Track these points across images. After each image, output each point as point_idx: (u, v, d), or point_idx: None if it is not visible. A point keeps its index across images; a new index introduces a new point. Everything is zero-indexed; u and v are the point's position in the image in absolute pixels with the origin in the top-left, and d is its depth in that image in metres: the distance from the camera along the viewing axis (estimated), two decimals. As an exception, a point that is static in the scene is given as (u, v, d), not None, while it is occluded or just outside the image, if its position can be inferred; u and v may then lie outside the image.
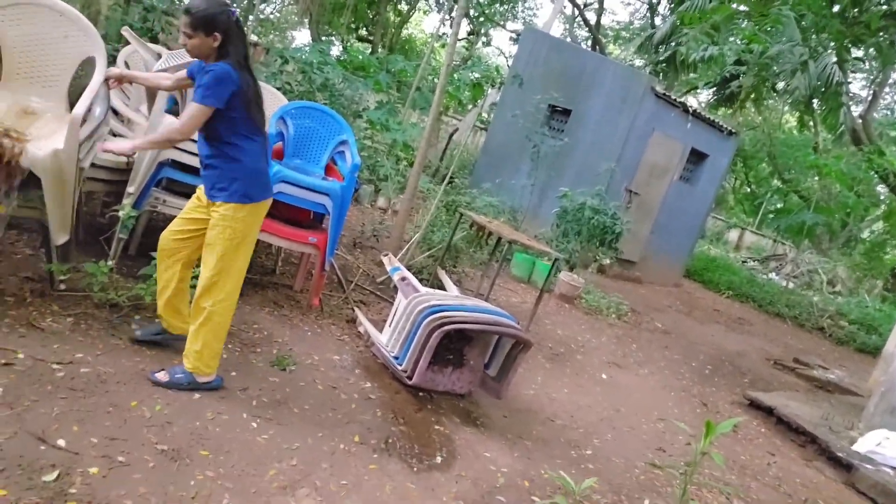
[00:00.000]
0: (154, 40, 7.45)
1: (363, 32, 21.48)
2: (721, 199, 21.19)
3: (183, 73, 3.10)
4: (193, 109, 2.71)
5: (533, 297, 5.96)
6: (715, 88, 16.29)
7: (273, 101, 4.91)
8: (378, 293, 5.21)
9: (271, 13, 21.26)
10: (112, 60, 5.21)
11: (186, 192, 4.11)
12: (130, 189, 3.84)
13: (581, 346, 6.04)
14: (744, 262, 16.56)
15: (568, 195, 8.77)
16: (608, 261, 9.42)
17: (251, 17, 12.70)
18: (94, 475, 2.22)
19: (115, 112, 4.71)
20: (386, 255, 4.77)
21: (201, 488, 2.35)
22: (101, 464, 2.28)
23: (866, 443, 5.15)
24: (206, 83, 2.68)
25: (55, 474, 2.16)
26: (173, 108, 4.40)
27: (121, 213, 3.65)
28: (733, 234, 21.21)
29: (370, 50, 18.25)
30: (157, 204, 3.96)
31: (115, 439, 2.42)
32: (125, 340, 3.13)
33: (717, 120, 11.13)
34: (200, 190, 3.03)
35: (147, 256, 3.48)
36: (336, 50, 17.51)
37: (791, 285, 14.39)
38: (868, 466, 4.80)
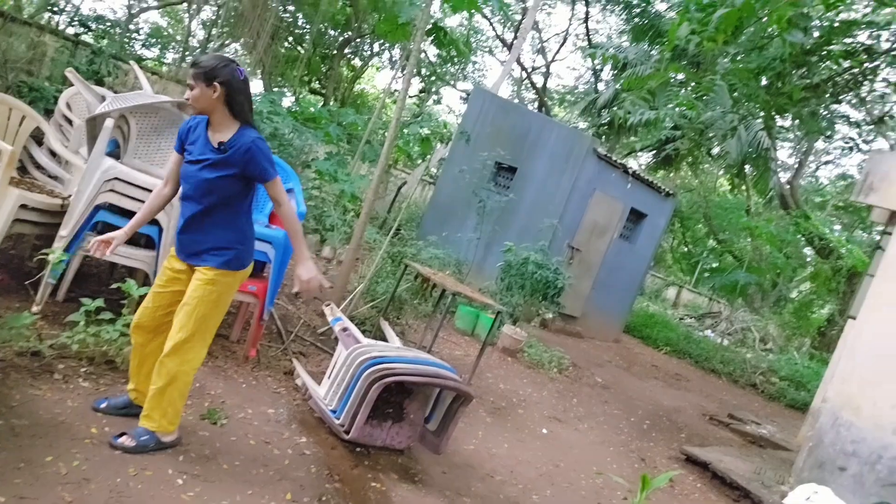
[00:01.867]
0: (100, 83, 7.37)
1: (316, 85, 21.69)
2: (659, 257, 21.89)
3: (173, 156, 2.96)
4: (279, 186, 2.81)
5: (476, 350, 5.96)
6: (654, 152, 17.06)
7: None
8: (318, 344, 5.13)
9: (224, 62, 21.34)
10: (55, 101, 5.12)
11: (122, 238, 4.01)
12: (63, 232, 3.71)
13: (522, 399, 6.04)
14: (681, 318, 17.02)
15: (512, 249, 8.91)
16: (550, 315, 9.54)
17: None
18: (0, 537, 2.07)
19: (53, 154, 4.61)
20: (328, 304, 4.71)
21: (118, 550, 2.22)
22: (8, 524, 2.13)
23: (796, 497, 5.25)
24: (269, 156, 2.78)
25: (-45, 536, 2.01)
26: (114, 151, 4.33)
27: (51, 257, 3.52)
28: (671, 292, 21.82)
29: (322, 102, 18.41)
30: (90, 248, 3.84)
31: (23, 498, 2.27)
32: (45, 391, 2.97)
33: (655, 181, 11.59)
34: (173, 259, 2.93)
35: (75, 302, 3.35)
36: (288, 101, 17.61)
37: (726, 342, 14.83)
38: (798, 521, 4.90)
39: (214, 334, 2.95)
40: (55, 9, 9.61)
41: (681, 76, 13.58)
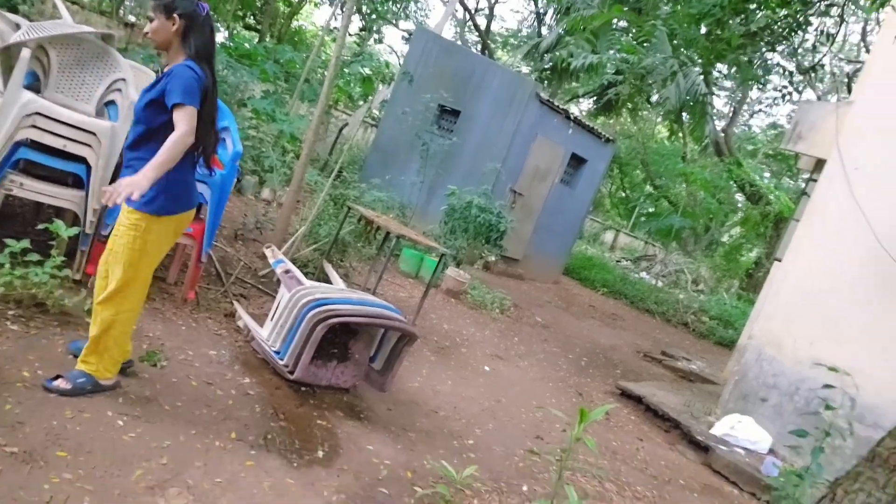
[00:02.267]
0: (14, 10, 6.83)
1: (251, 21, 20.71)
2: (598, 202, 22.33)
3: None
4: (187, 112, 2.57)
5: (420, 293, 6.00)
6: (595, 98, 17.18)
7: (148, 82, 4.64)
8: (260, 287, 5.05)
9: (151, -7, 20.09)
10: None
11: (48, 176, 3.80)
12: (-20, 169, 3.48)
13: (466, 339, 6.15)
14: (618, 261, 17.54)
15: (455, 193, 8.91)
16: (493, 258, 9.66)
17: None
18: (-72, 482, 2.00)
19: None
20: (269, 247, 4.63)
21: (57, 492, 2.17)
22: (-64, 469, 2.05)
23: (722, 426, 5.62)
24: (185, 83, 2.58)
25: None
26: (34, 85, 4.05)
27: (-33, 196, 3.31)
28: (608, 236, 22.40)
29: (258, 39, 17.62)
30: (12, 187, 3.62)
31: (-46, 442, 2.19)
32: (-29, 335, 2.84)
33: (595, 127, 11.71)
34: None
35: (0, 244, 3.18)
36: (221, 36, 16.78)
37: (660, 284, 15.41)
38: (722, 448, 5.24)
39: (150, 279, 2.86)
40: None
41: (623, 22, 13.61)
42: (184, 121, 2.58)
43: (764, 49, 12.37)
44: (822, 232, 5.83)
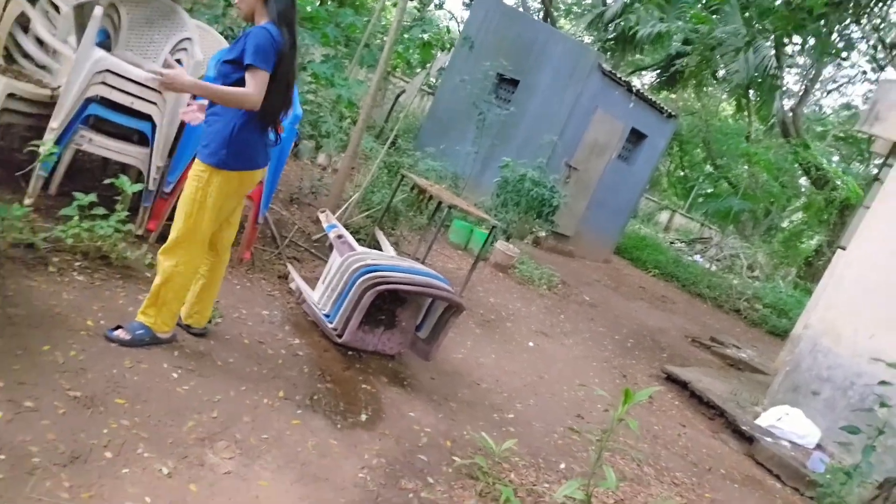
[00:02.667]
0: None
1: (313, -18, 20.70)
2: (655, 180, 21.77)
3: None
4: (259, 77, 2.65)
5: (468, 265, 6.01)
6: (659, 71, 16.64)
7: (214, 44, 4.71)
8: (313, 251, 5.15)
9: (216, -48, 20.30)
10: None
11: (116, 133, 3.93)
12: (54, 124, 3.62)
13: (511, 314, 6.15)
14: (672, 243, 17.15)
15: (510, 165, 8.82)
16: (544, 233, 9.58)
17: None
18: (-1, 419, 2.13)
19: (40, 42, 4.42)
20: (323, 211, 4.70)
21: (114, 437, 2.29)
22: (6, 408, 2.18)
23: (768, 418, 5.49)
24: (260, 45, 2.64)
25: (-45, 417, 2.06)
26: (104, 42, 4.17)
27: (41, 149, 3.45)
28: (664, 216, 21.88)
29: (319, 1, 17.64)
30: (82, 142, 3.76)
31: (23, 383, 2.32)
32: (40, 282, 2.98)
33: (658, 102, 11.36)
34: None
35: (68, 196, 3.32)
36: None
37: (714, 268, 15.02)
38: (767, 439, 5.13)
39: (208, 234, 2.92)
40: None
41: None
42: (253, 84, 2.65)
43: (850, 19, 11.69)
44: (892, 220, 5.56)
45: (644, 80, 19.09)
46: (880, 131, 6.40)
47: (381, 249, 4.69)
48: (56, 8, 4.70)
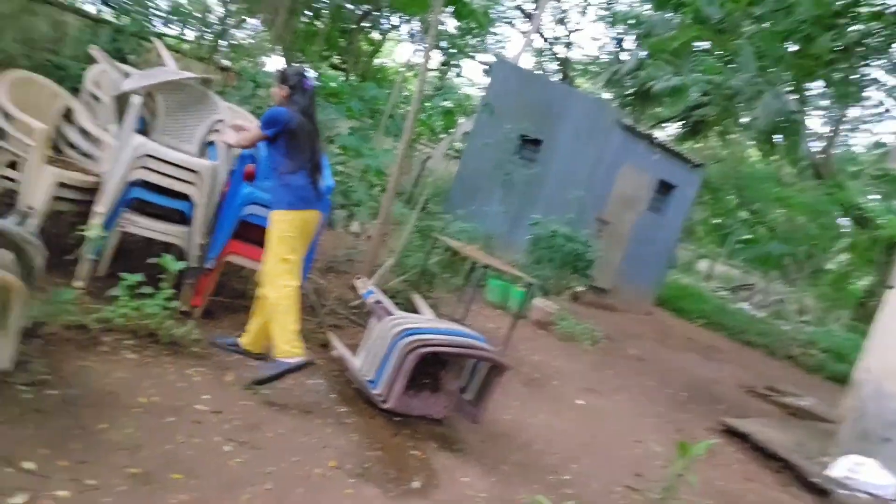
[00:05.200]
0: (123, 61, 7.39)
1: (336, 60, 21.55)
2: (690, 229, 21.52)
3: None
4: (255, 129, 3.71)
5: (508, 323, 5.93)
6: (682, 122, 16.72)
7: (243, 121, 4.87)
8: (352, 318, 5.14)
9: (244, 39, 21.28)
10: (80, 79, 5.14)
11: (158, 214, 4.03)
12: (100, 209, 3.74)
13: (556, 371, 6.01)
14: (714, 291, 16.79)
15: (540, 223, 8.82)
16: (581, 288, 9.46)
17: (223, 42, 12.67)
18: (63, 498, 2.13)
19: (84, 132, 4.62)
20: (359, 278, 4.71)
21: (172, 514, 2.24)
22: (70, 487, 2.19)
23: (840, 468, 5.18)
24: (266, 117, 3.62)
25: (24, 497, 2.07)
26: (142, 128, 4.34)
27: (88, 233, 3.55)
28: (703, 265, 21.52)
29: (343, 77, 18.30)
30: (126, 225, 3.87)
31: (84, 462, 2.32)
32: (94, 362, 3.01)
33: (682, 152, 11.37)
34: None
35: (116, 277, 3.38)
36: (310, 75, 17.51)
37: (761, 314, 14.60)
38: (843, 492, 4.83)
39: (290, 261, 3.57)
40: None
41: (706, 44, 13.22)
42: (248, 134, 3.74)
43: (858, 64, 11.72)
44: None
45: (668, 132, 19.18)
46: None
47: (419, 313, 4.66)
48: (97, 99, 4.94)
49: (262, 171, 4.62)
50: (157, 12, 11.41)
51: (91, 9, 9.05)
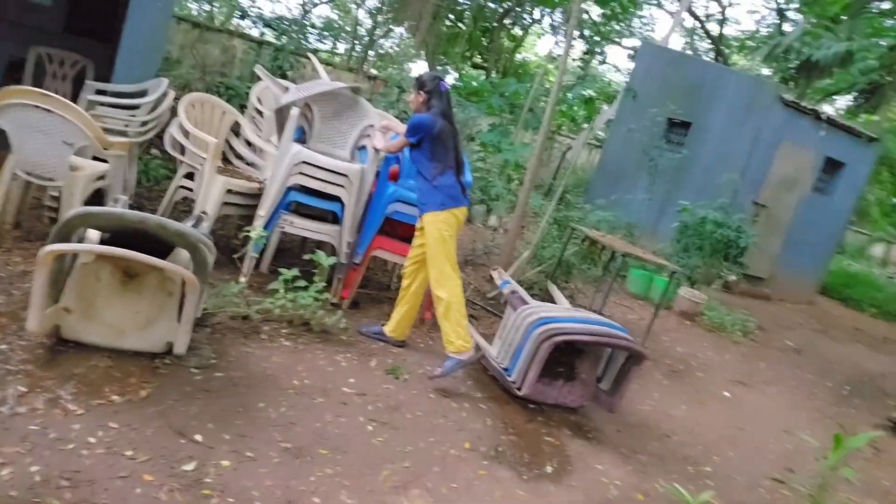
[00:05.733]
0: (283, 76, 8.10)
1: (478, 59, 21.87)
2: (863, 210, 19.41)
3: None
4: (399, 141, 3.94)
5: (650, 315, 5.80)
6: (856, 94, 15.14)
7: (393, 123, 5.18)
8: (488, 308, 5.31)
9: (390, 47, 22.23)
10: (246, 96, 5.74)
11: (312, 215, 4.44)
12: (261, 212, 4.19)
13: (702, 363, 5.79)
14: (890, 277, 15.09)
15: (688, 209, 8.46)
16: (733, 277, 8.94)
17: (371, 53, 13.39)
18: (226, 468, 2.45)
19: (249, 143, 5.18)
20: (496, 269, 4.86)
21: (321, 484, 2.52)
22: (232, 458, 2.51)
23: None
24: (410, 125, 3.79)
25: (193, 465, 2.41)
26: (300, 137, 4.78)
27: (252, 234, 4.00)
28: (878, 249, 19.34)
29: (484, 76, 18.56)
30: (284, 225, 4.30)
31: (244, 436, 2.66)
32: (254, 348, 3.42)
33: (854, 126, 10.33)
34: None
35: (276, 273, 3.79)
36: (451, 78, 17.98)
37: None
38: None
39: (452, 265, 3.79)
40: (241, 15, 10.66)
41: (886, 3, 11.89)
42: (396, 141, 3.99)
43: None
44: None
45: (838, 105, 17.45)
46: None
47: (555, 303, 4.72)
48: (260, 113, 5.50)
49: (406, 171, 4.92)
50: (312, 30, 12.35)
51: (255, 32, 10.01)
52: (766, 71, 18.12)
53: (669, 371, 5.29)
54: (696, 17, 21.24)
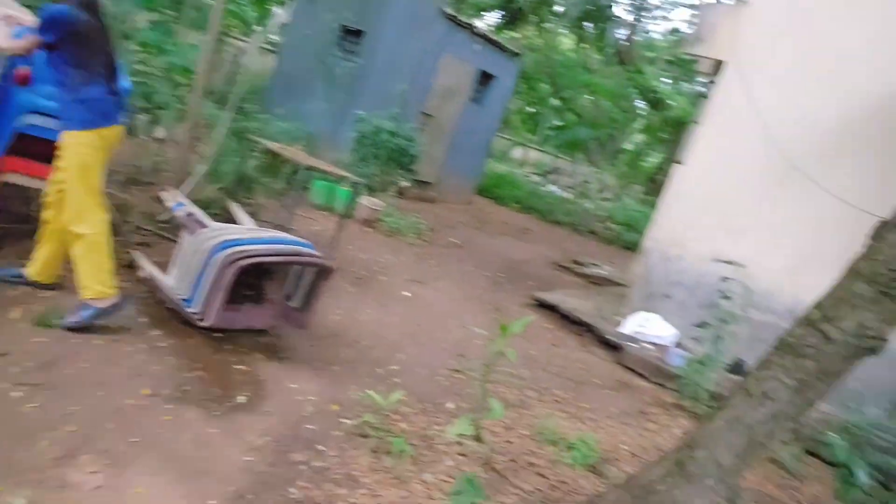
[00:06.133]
0: None
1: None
2: (507, 118, 22.26)
3: None
4: (30, 35, 3.08)
5: (334, 224, 5.89)
6: (502, 12, 16.86)
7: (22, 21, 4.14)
8: (162, 233, 4.81)
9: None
10: None
11: None
12: None
13: (383, 267, 6.15)
14: (526, 176, 17.81)
15: (364, 119, 8.65)
16: (406, 183, 9.56)
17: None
18: None
19: None
20: (167, 189, 4.38)
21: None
22: None
23: (630, 325, 5.95)
24: (42, 18, 3.02)
25: None
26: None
27: None
28: (518, 152, 22.55)
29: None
30: None
31: None
32: None
33: (502, 42, 11.52)
34: None
35: None
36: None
37: (569, 195, 15.80)
38: (632, 345, 5.59)
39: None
40: None
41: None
42: (26, 40, 3.08)
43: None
44: (719, 133, 6.08)
45: (488, 21, 19.25)
46: (703, 51, 6.88)
47: (237, 222, 4.46)
48: None
49: (40, 73, 4.00)
50: None
51: None
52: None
53: (355, 278, 5.50)
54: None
